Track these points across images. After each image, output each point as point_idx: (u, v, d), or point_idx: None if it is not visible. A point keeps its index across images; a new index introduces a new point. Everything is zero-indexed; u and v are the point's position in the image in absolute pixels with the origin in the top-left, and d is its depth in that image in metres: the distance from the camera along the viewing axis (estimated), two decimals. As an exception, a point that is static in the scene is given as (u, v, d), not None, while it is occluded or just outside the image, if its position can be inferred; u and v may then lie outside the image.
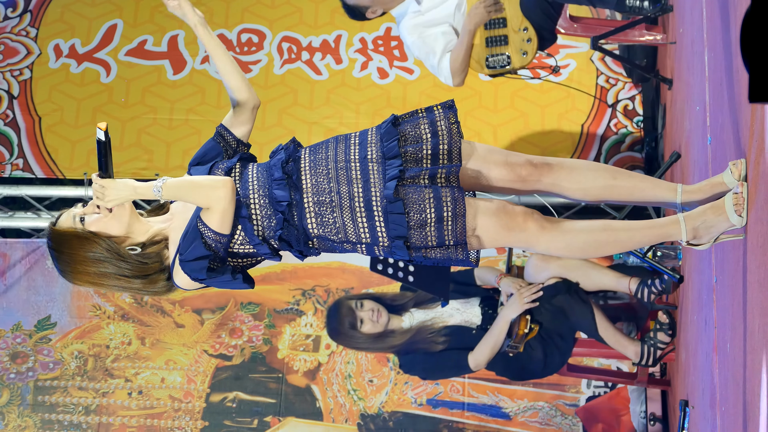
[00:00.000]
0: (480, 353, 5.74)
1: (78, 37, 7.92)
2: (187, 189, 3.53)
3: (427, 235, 3.49)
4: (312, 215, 3.56)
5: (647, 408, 6.62)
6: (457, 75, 5.94)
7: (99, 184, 3.52)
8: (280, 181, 3.57)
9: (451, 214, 3.48)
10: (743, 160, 3.36)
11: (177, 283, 3.62)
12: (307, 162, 3.61)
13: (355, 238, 3.55)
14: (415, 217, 3.48)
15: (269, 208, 3.57)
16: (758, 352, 2.94)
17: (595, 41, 6.09)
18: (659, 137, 6.91)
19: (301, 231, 3.57)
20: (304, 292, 7.38)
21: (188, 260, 3.52)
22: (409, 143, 3.58)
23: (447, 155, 3.57)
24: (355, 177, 3.56)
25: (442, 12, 5.93)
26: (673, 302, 5.84)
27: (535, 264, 5.81)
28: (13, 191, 7.66)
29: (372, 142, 3.60)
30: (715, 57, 4.03)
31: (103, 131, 3.50)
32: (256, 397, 7.28)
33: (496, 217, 3.53)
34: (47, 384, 7.41)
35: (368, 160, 3.56)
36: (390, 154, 3.55)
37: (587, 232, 3.56)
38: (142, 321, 7.44)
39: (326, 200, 3.55)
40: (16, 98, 7.82)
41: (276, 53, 7.73)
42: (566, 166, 3.69)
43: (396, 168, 3.52)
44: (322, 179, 3.57)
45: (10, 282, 7.58)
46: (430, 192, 3.49)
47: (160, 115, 7.70)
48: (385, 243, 3.53)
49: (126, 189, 3.53)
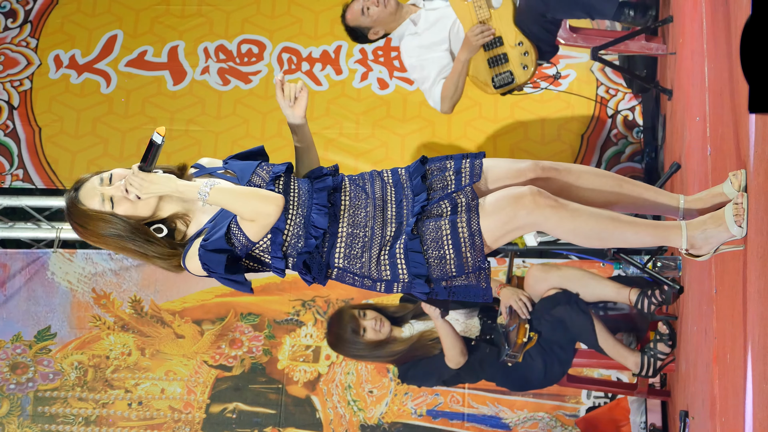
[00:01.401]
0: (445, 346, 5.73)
1: (78, 48, 7.93)
2: (235, 198, 3.49)
3: (446, 268, 3.49)
4: (342, 246, 3.54)
5: (647, 418, 6.61)
6: (446, 101, 6.04)
7: (140, 177, 3.51)
8: (323, 207, 3.55)
9: (469, 242, 3.47)
10: (743, 170, 3.36)
11: (186, 266, 3.59)
12: (348, 194, 3.61)
13: (376, 275, 3.54)
14: (434, 254, 3.48)
15: (302, 229, 3.55)
16: (758, 362, 2.94)
17: (595, 52, 6.09)
18: (659, 148, 6.91)
19: (325, 260, 3.55)
20: (304, 302, 7.37)
21: (209, 249, 3.49)
22: (435, 174, 3.59)
23: (468, 172, 3.57)
24: (390, 218, 3.56)
25: (438, 34, 6.00)
26: (673, 313, 5.84)
27: (534, 275, 5.81)
28: (13, 202, 7.66)
29: (404, 185, 3.61)
30: (715, 67, 4.03)
31: (161, 136, 3.49)
32: (256, 408, 7.27)
33: (506, 203, 3.48)
34: (47, 395, 7.40)
35: (403, 204, 3.57)
36: (417, 191, 3.56)
37: (596, 218, 3.51)
38: (142, 332, 7.44)
39: (360, 234, 3.54)
40: (16, 109, 7.82)
41: (276, 64, 7.73)
42: (574, 170, 3.70)
43: (419, 204, 3.52)
44: (359, 212, 3.57)
45: (10, 292, 7.58)
46: (447, 225, 3.48)
47: (160, 126, 7.70)
48: (405, 280, 3.52)
49: (168, 185, 3.53)
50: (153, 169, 3.54)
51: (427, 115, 7.51)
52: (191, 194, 3.50)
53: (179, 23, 7.94)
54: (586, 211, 3.52)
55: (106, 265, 7.55)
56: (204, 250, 3.50)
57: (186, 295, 7.46)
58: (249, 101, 7.66)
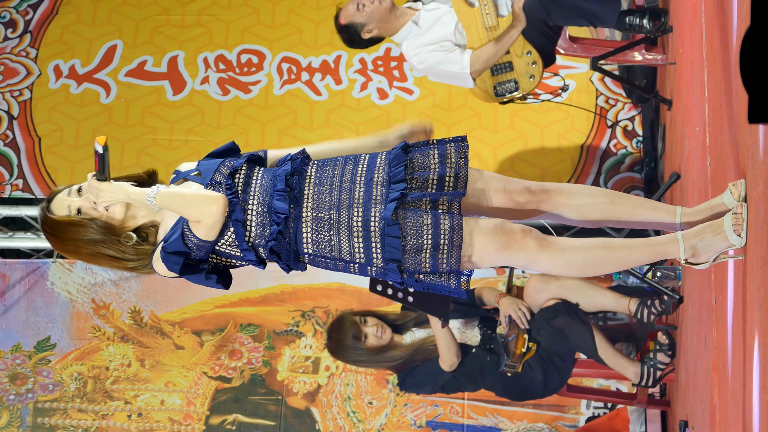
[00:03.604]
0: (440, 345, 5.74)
1: (78, 58, 7.93)
2: (179, 201, 3.57)
3: (421, 261, 3.48)
4: (308, 231, 3.55)
5: (647, 429, 6.60)
6: (477, 65, 5.88)
7: (94, 186, 3.61)
8: (282, 192, 3.57)
9: (447, 243, 3.48)
10: (743, 180, 3.36)
11: (155, 269, 3.66)
12: (312, 177, 3.61)
13: (348, 257, 3.54)
14: (411, 241, 3.48)
15: (265, 217, 3.57)
16: (758, 372, 2.94)
17: (594, 62, 6.09)
18: (659, 158, 6.92)
19: (293, 245, 3.57)
20: (303, 313, 7.37)
21: (168, 251, 3.57)
22: (417, 170, 3.58)
23: (453, 181, 3.57)
24: (357, 198, 3.55)
25: (441, 30, 5.94)
26: (672, 323, 5.83)
27: (534, 285, 5.80)
28: (13, 212, 7.65)
29: (380, 166, 3.60)
30: (715, 78, 4.03)
31: (101, 145, 3.59)
32: (256, 420, 7.26)
33: (494, 235, 3.52)
34: (47, 406, 7.39)
35: (373, 183, 3.56)
36: (396, 179, 3.55)
37: (586, 249, 3.54)
38: (142, 342, 7.43)
39: (325, 217, 3.54)
40: (16, 119, 7.83)
41: (276, 74, 7.74)
42: (564, 191, 3.70)
43: (398, 191, 3.51)
44: (324, 196, 3.57)
45: (9, 303, 7.57)
46: (429, 218, 3.48)
47: (160, 136, 7.71)
48: (378, 264, 3.52)
49: (120, 193, 3.62)
50: (107, 178, 3.62)
51: (426, 125, 7.51)
52: (142, 201, 3.60)
53: (179, 33, 7.94)
54: (575, 243, 3.54)
55: (105, 276, 7.55)
56: (164, 252, 3.58)
57: (186, 305, 7.46)
58: (249, 111, 7.66)
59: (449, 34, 5.93)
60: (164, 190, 3.57)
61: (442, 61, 5.91)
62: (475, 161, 7.12)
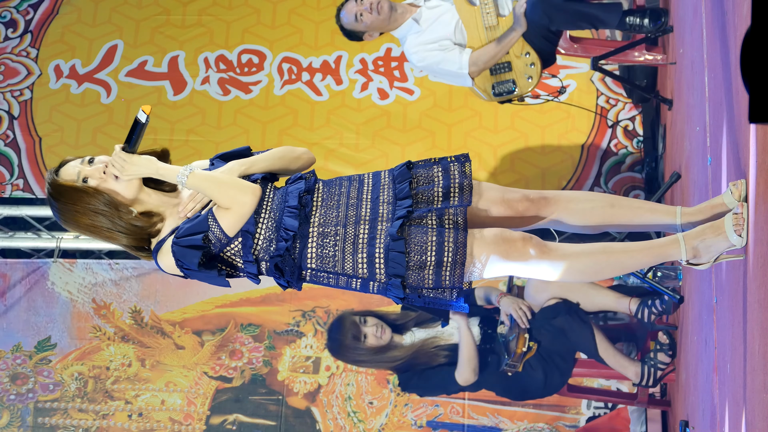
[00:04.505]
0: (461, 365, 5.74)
1: (78, 58, 7.93)
2: (214, 184, 3.54)
3: (424, 277, 3.49)
4: (314, 246, 3.55)
5: (647, 428, 6.60)
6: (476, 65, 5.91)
7: (121, 157, 3.56)
8: (293, 209, 3.56)
9: (451, 260, 3.48)
10: (743, 180, 3.36)
11: (159, 263, 3.61)
12: (320, 195, 3.61)
13: (351, 271, 3.53)
14: (415, 258, 3.48)
15: (274, 233, 3.56)
16: (758, 372, 2.94)
17: (595, 62, 6.09)
18: (659, 158, 6.91)
19: (297, 262, 3.55)
20: (304, 313, 7.37)
21: (182, 246, 3.51)
22: (422, 184, 3.58)
23: (458, 192, 3.57)
24: (364, 215, 3.55)
25: (442, 29, 5.95)
26: (673, 323, 5.83)
27: (535, 284, 5.81)
28: (14, 211, 7.65)
29: (385, 185, 3.61)
30: (715, 77, 4.03)
31: (146, 114, 3.52)
32: (256, 420, 7.26)
33: (495, 245, 3.52)
34: (47, 406, 7.39)
35: (380, 201, 3.57)
36: (401, 195, 3.55)
37: (587, 254, 3.55)
38: (143, 342, 7.43)
39: (331, 232, 3.54)
40: (17, 119, 7.83)
41: (276, 74, 7.74)
42: (563, 197, 3.70)
43: (404, 209, 3.51)
44: (331, 212, 3.57)
45: (10, 302, 7.57)
46: (434, 234, 3.48)
47: (161, 136, 7.70)
48: (381, 279, 3.52)
49: (149, 167, 3.58)
50: (135, 151, 3.57)
51: (427, 125, 7.51)
52: (171, 177, 3.55)
53: (179, 33, 7.94)
54: (576, 249, 3.55)
55: (106, 275, 7.55)
56: (177, 245, 3.52)
57: (186, 305, 7.46)
58: (249, 111, 7.66)
59: (449, 33, 5.94)
60: (199, 171, 3.54)
61: (441, 60, 5.93)
62: (475, 161, 7.13)
